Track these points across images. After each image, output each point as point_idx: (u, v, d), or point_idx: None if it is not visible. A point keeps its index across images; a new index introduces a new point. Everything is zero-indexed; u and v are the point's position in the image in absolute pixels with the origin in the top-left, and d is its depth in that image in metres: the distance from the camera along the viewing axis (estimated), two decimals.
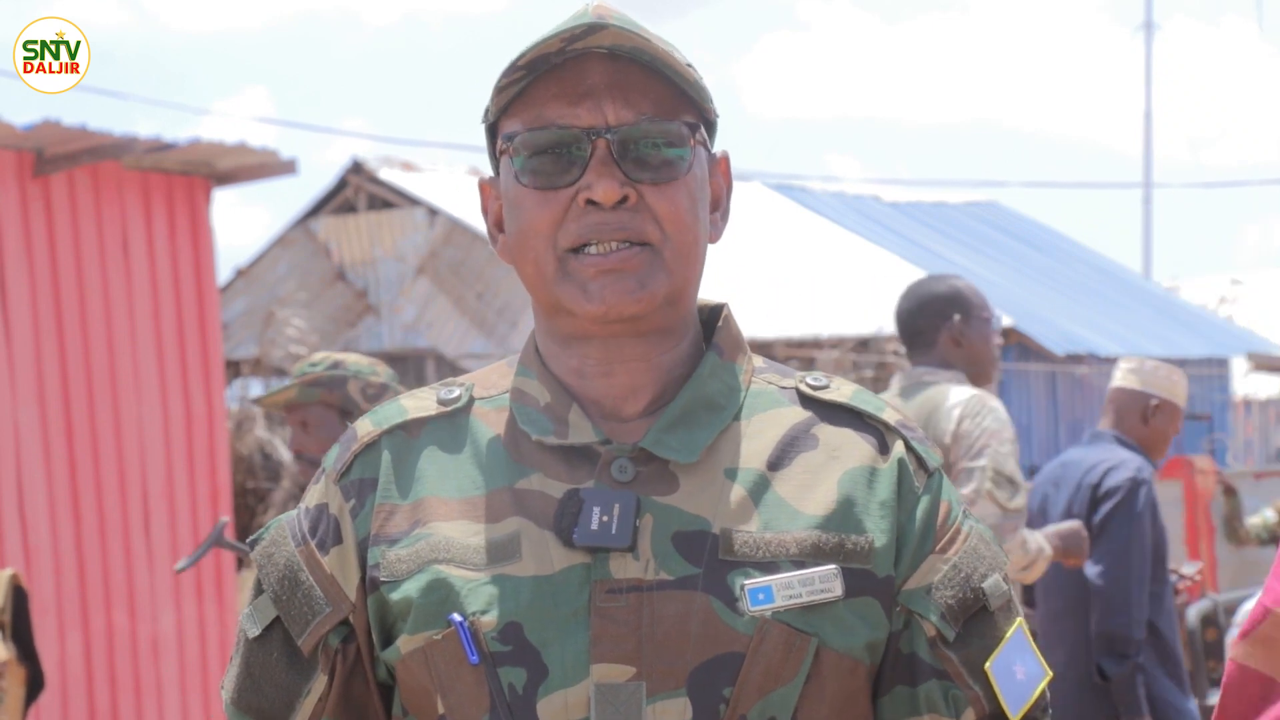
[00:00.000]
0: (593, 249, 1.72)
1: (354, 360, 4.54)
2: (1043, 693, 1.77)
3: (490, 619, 1.69)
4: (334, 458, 1.82)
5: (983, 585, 1.76)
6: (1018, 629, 1.77)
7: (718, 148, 1.84)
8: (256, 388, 17.01)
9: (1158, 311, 25.18)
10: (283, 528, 1.81)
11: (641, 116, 1.73)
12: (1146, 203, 34.14)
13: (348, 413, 4.45)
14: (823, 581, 1.70)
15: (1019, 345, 21.30)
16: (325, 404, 4.47)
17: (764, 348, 17.33)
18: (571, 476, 1.73)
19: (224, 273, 18.72)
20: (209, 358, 9.58)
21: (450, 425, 1.79)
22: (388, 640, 1.75)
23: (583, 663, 1.68)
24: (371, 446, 1.80)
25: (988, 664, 1.74)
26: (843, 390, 1.81)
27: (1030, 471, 20.56)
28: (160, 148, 9.07)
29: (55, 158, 8.79)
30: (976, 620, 1.75)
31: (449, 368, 17.17)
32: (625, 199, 1.72)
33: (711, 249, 1.83)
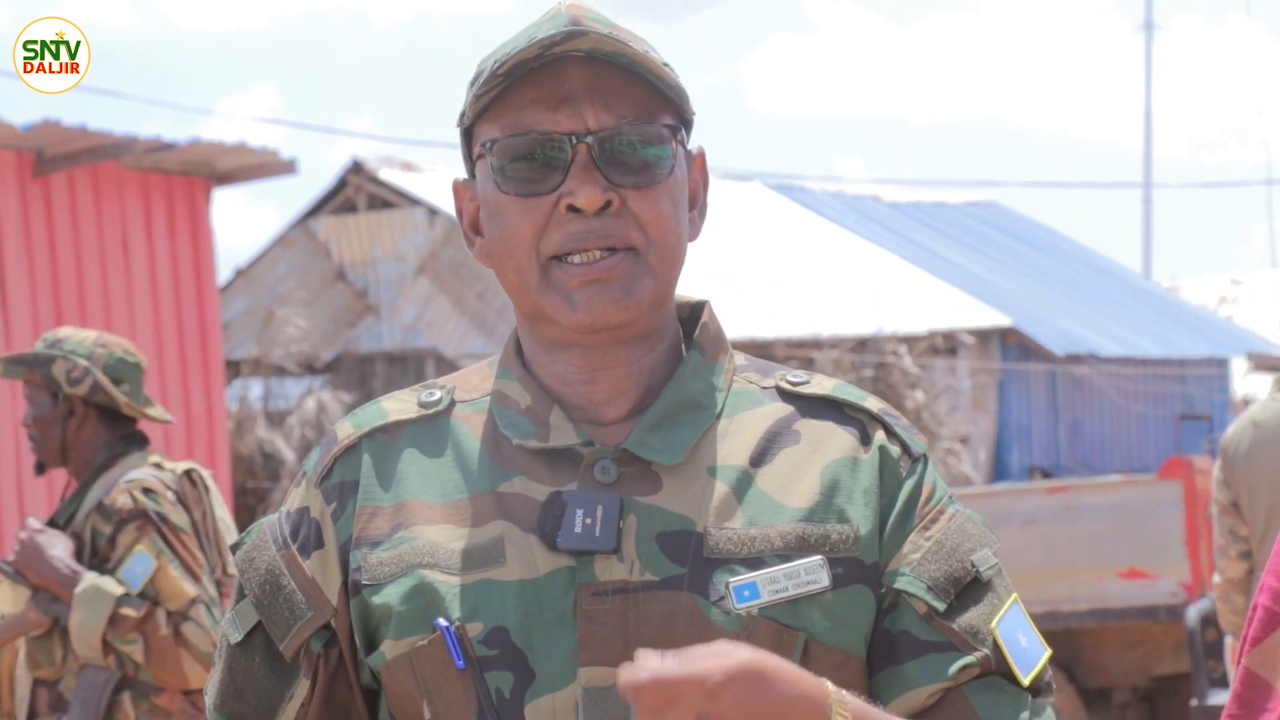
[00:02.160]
0: (576, 258, 1.71)
1: (76, 340, 4.45)
2: (1046, 667, 1.76)
3: (476, 624, 1.69)
4: (314, 461, 1.81)
5: (972, 557, 1.74)
6: (1015, 601, 1.76)
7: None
8: (256, 388, 17.02)
9: (1158, 311, 25.18)
10: (264, 532, 1.81)
11: (622, 120, 1.72)
12: (1146, 203, 34.18)
13: (54, 394, 4.45)
14: (808, 573, 1.69)
15: (1019, 345, 21.30)
16: (33, 383, 4.48)
17: (764, 348, 17.34)
18: (554, 479, 1.73)
19: (224, 273, 18.72)
20: (209, 358, 9.58)
21: (431, 428, 1.79)
22: (371, 645, 1.75)
23: (570, 666, 1.68)
24: (352, 450, 1.79)
25: (992, 624, 1.72)
26: (823, 384, 1.81)
27: (1032, 473, 20.58)
28: (160, 148, 9.07)
29: (55, 158, 8.79)
30: (972, 589, 1.74)
31: (449, 368, 17.16)
32: (608, 204, 1.71)
33: (711, 249, 1.83)
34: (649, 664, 1.50)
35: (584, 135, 1.71)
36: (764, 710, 1.53)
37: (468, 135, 1.79)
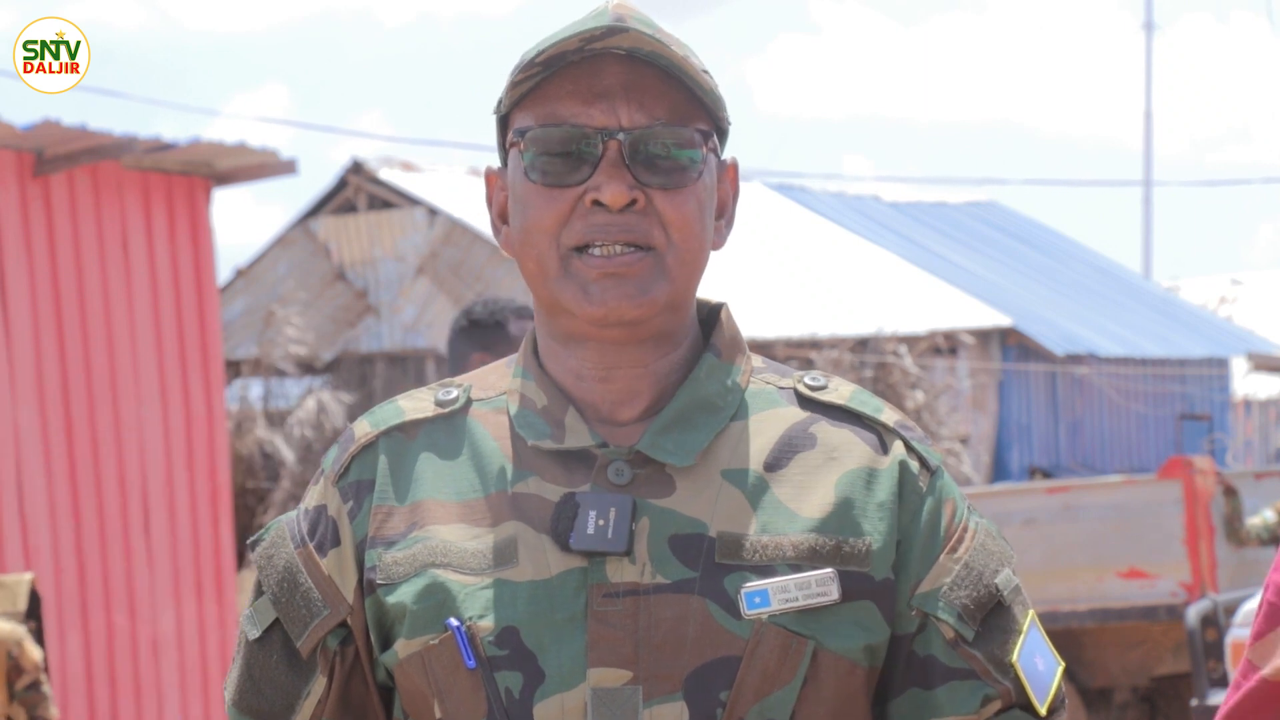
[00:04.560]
0: (596, 250, 1.72)
1: None
2: (1060, 684, 1.77)
3: (487, 623, 1.70)
4: (332, 459, 1.82)
5: (995, 580, 1.75)
6: (1032, 620, 1.77)
7: (728, 153, 1.84)
8: (256, 388, 17.02)
9: (1158, 311, 25.18)
10: (282, 529, 1.81)
11: (655, 121, 1.73)
12: (1146, 202, 34.17)
13: None
14: (819, 585, 1.70)
15: (1019, 345, 21.30)
16: None
17: (764, 348, 17.33)
18: (568, 480, 1.73)
19: (225, 273, 18.72)
20: (209, 358, 9.58)
21: (448, 427, 1.79)
22: (386, 643, 1.76)
23: (580, 667, 1.68)
24: (369, 448, 1.80)
25: (1014, 656, 1.73)
26: (841, 391, 1.80)
27: (1032, 473, 20.59)
28: (160, 148, 9.07)
29: (55, 158, 8.79)
30: (995, 615, 1.74)
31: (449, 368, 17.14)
32: (633, 202, 1.72)
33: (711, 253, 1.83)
34: None
35: (616, 132, 1.72)
36: None
37: (504, 124, 1.80)
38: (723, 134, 1.79)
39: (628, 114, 1.72)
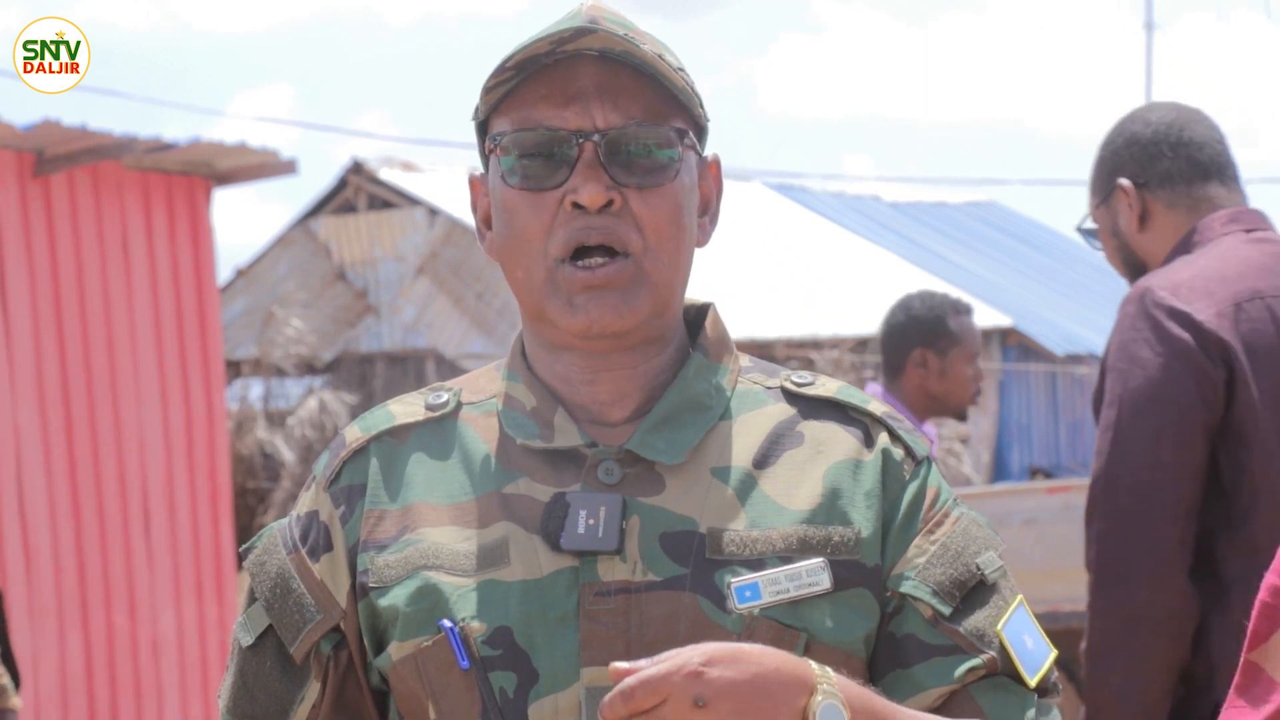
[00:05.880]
0: (579, 263, 1.72)
1: None
2: (1051, 668, 1.76)
3: (480, 624, 1.70)
4: (323, 465, 1.82)
5: (977, 560, 1.75)
6: (1021, 603, 1.76)
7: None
8: (257, 388, 17.03)
9: None
10: (274, 536, 1.82)
11: (630, 120, 1.73)
12: None
13: None
14: (810, 575, 1.70)
15: (1019, 345, 21.30)
16: None
17: (764, 348, 17.34)
18: (558, 480, 1.73)
19: (225, 273, 18.72)
20: (209, 358, 9.58)
21: (438, 430, 1.80)
22: (379, 646, 1.76)
23: (573, 666, 1.68)
24: (360, 453, 1.80)
25: (998, 626, 1.73)
26: (827, 386, 1.81)
27: (1033, 473, 20.59)
28: (160, 148, 9.06)
29: (55, 158, 8.78)
30: (977, 592, 1.74)
31: (449, 368, 17.16)
32: (610, 203, 1.72)
33: (710, 249, 1.83)
34: (628, 674, 1.54)
35: (591, 134, 1.72)
36: (750, 681, 1.56)
37: (483, 130, 1.80)
38: (702, 131, 1.79)
39: (602, 115, 1.72)
